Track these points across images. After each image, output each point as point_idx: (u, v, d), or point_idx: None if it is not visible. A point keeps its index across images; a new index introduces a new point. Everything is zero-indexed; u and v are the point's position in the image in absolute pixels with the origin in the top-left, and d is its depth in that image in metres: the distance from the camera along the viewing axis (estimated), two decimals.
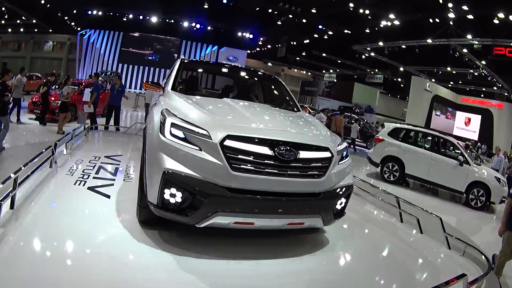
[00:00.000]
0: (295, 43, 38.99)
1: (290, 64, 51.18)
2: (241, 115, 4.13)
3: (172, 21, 41.94)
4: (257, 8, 32.71)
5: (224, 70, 6.70)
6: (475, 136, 33.66)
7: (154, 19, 40.89)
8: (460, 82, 38.48)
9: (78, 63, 43.13)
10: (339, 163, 4.10)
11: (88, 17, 38.49)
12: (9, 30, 45.14)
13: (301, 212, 3.81)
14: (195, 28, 41.69)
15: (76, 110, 12.78)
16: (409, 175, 10.87)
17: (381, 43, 31.03)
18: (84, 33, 42.85)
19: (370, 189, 7.88)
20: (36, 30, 44.84)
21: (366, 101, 37.85)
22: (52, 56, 46.48)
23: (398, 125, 12.30)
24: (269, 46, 44.56)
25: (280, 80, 6.43)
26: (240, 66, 7.01)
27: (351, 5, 25.67)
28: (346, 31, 31.64)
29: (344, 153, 4.31)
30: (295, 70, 53.97)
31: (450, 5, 21.58)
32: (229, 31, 41.35)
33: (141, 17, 40.91)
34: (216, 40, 43.73)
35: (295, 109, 5.45)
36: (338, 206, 4.14)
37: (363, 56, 36.58)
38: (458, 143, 10.80)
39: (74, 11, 38.43)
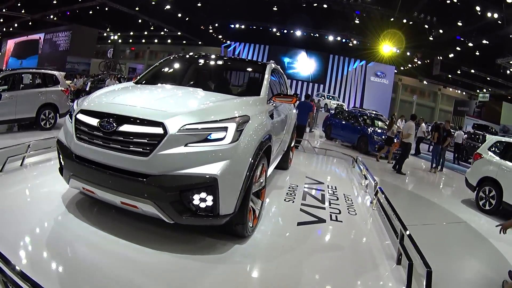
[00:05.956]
0: (440, 57, 37.32)
1: (444, 83, 48.77)
2: (131, 95, 4.37)
3: (317, 35, 43.93)
4: (405, 20, 32.43)
5: (201, 61, 6.66)
6: None
7: (298, 33, 43.38)
8: None
9: None
10: (193, 144, 3.58)
11: (231, 30, 42.73)
12: (155, 40, 53.08)
13: (128, 192, 3.62)
14: (341, 42, 42.94)
15: None
16: (508, 204, 8.62)
17: None
18: (228, 45, 47.59)
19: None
20: (184, 42, 51.53)
21: None
22: None
23: (502, 138, 10.27)
24: (419, 63, 43.30)
25: (265, 68, 5.81)
26: (219, 56, 7.06)
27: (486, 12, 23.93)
28: (484, 41, 29.16)
29: (215, 134, 3.67)
30: (450, 89, 51.07)
31: None
32: (376, 46, 41.36)
33: (285, 31, 43.87)
34: (363, 55, 44.12)
35: (256, 95, 5.11)
36: (196, 201, 3.57)
37: (508, 72, 33.46)
38: None
39: (216, 25, 43.15)
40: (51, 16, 42.60)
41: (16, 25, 47.01)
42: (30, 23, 45.42)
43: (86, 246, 3.75)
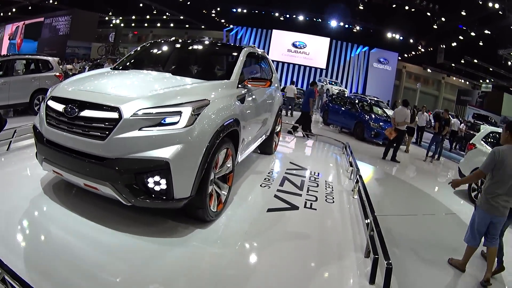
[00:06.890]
0: (444, 46, 36.95)
1: (448, 71, 48.08)
2: (99, 82, 4.50)
3: (320, 20, 43.52)
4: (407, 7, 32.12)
5: (178, 46, 6.53)
6: None
7: (301, 18, 43.04)
8: None
9: None
10: (147, 128, 3.69)
11: (234, 14, 42.51)
12: (158, 24, 53.10)
13: (89, 174, 3.78)
14: (344, 28, 42.55)
15: None
16: None
17: None
18: (230, 29, 47.31)
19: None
20: (187, 26, 51.26)
21: None
22: None
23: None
24: (422, 50, 42.83)
25: (240, 52, 5.82)
26: (196, 40, 7.01)
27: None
28: (486, 31, 28.77)
29: (169, 118, 3.76)
30: (454, 78, 50.32)
31: None
32: (379, 32, 40.97)
33: (288, 15, 43.52)
34: (365, 41, 43.62)
35: (228, 79, 5.14)
36: (150, 184, 3.71)
37: (509, 63, 32.98)
38: None
39: (218, 9, 42.90)
40: (51, 1, 42.63)
41: (14, 9, 46.67)
42: (29, 8, 45.05)
43: (58, 228, 3.95)
